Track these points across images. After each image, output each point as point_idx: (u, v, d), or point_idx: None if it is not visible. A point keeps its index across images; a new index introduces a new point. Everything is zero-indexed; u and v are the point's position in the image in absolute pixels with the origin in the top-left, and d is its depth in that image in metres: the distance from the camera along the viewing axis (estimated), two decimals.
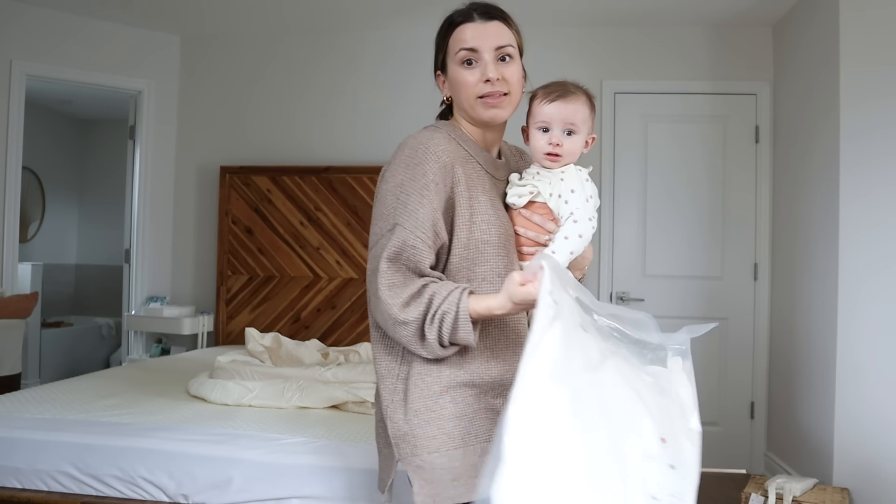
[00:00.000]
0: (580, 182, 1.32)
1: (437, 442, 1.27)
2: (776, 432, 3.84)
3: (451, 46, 1.36)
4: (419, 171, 1.28)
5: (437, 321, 1.21)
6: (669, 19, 4.03)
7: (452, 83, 1.37)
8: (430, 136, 1.33)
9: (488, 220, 1.31)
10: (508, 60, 1.36)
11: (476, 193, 1.32)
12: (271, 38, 4.47)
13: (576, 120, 1.33)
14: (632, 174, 4.13)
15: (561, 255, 1.27)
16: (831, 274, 3.15)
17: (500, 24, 1.37)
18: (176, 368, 3.36)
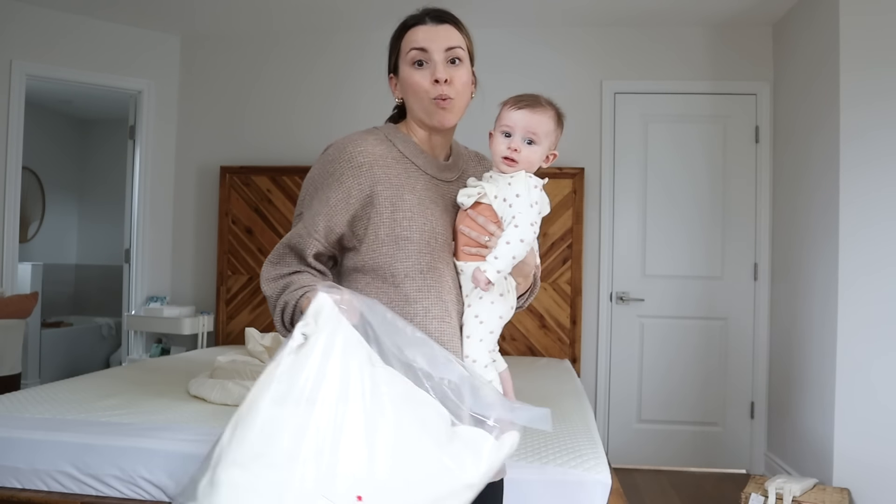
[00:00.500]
0: (527, 187, 1.34)
1: None
2: (776, 432, 3.84)
3: (403, 47, 1.40)
4: (329, 169, 1.36)
5: (280, 308, 1.33)
6: (669, 19, 4.03)
7: (404, 85, 1.41)
8: (356, 138, 1.39)
9: (410, 218, 1.35)
10: (458, 63, 1.39)
11: (402, 192, 1.36)
12: (271, 39, 4.47)
13: (538, 130, 1.35)
14: (632, 174, 4.13)
15: (503, 261, 1.29)
16: (831, 274, 3.15)
17: (451, 28, 1.40)
18: (176, 368, 3.36)
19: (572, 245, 4.05)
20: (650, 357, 4.08)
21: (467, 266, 1.36)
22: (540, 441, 2.11)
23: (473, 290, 1.37)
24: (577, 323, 4.04)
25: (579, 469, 1.90)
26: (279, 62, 4.46)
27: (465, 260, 1.37)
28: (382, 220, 1.34)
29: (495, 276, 1.28)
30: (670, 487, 3.67)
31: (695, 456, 4.03)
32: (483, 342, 1.36)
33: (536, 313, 4.07)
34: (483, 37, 4.30)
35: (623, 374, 4.10)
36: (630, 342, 4.10)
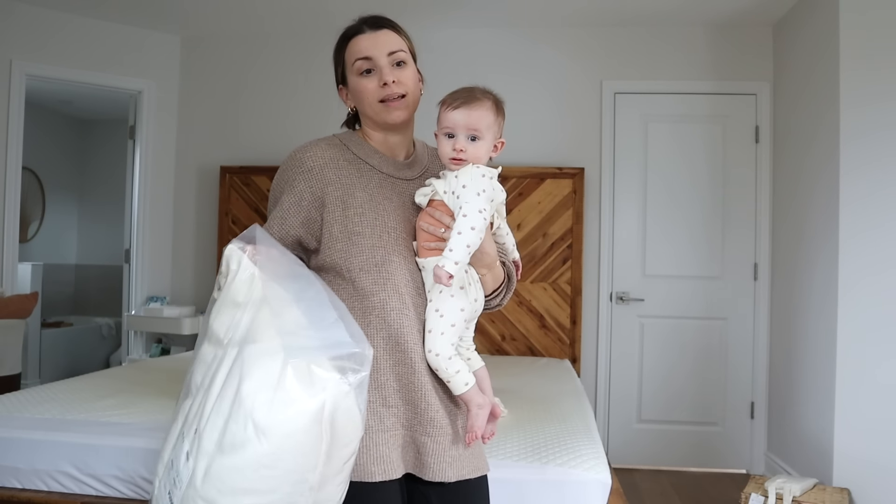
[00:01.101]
0: (472, 178, 1.36)
1: None
2: (776, 432, 3.84)
3: (348, 58, 1.45)
4: (283, 177, 1.44)
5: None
6: (669, 19, 4.03)
7: (354, 93, 1.46)
8: (308, 145, 1.46)
9: (361, 214, 1.39)
10: (403, 65, 1.43)
11: (353, 191, 1.41)
12: (271, 39, 4.47)
13: (479, 126, 1.37)
14: (632, 174, 4.13)
15: (458, 251, 1.31)
16: (831, 274, 3.15)
17: (390, 32, 1.45)
18: (176, 368, 3.35)
19: (572, 245, 4.05)
20: (650, 357, 4.08)
21: (428, 262, 1.38)
22: (540, 441, 2.11)
23: (434, 286, 1.39)
24: (577, 323, 4.04)
25: (579, 469, 1.90)
26: (279, 62, 4.46)
27: (425, 256, 1.39)
28: (335, 217, 1.38)
29: (454, 267, 1.30)
30: (670, 487, 3.67)
31: (695, 456, 4.03)
32: (445, 335, 1.36)
33: (536, 313, 4.07)
34: (483, 37, 4.32)
35: (623, 374, 4.10)
36: (630, 342, 4.10)
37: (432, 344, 1.37)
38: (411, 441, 1.37)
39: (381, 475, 1.32)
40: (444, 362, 1.36)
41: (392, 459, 1.34)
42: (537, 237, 4.07)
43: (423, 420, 1.36)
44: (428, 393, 1.37)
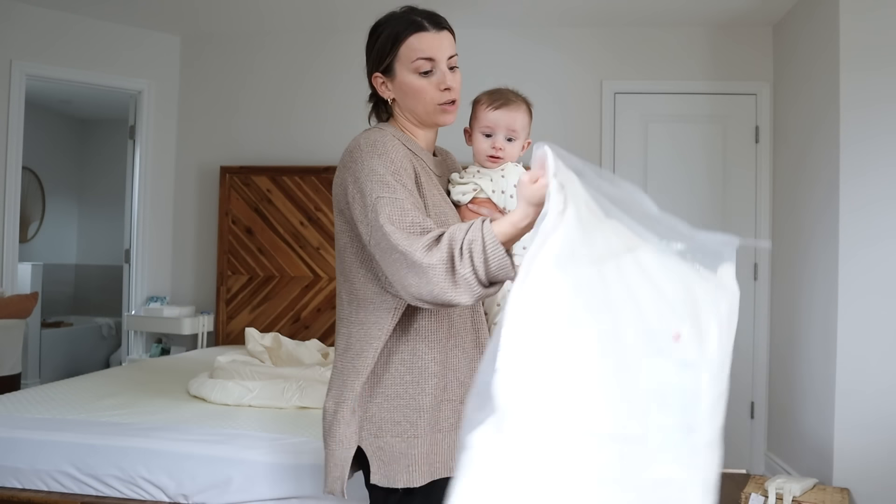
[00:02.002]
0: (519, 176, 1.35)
1: (401, 428, 1.36)
2: (776, 432, 3.84)
3: (405, 55, 1.41)
4: (387, 158, 1.32)
5: (467, 252, 1.16)
6: (669, 19, 4.03)
7: (406, 89, 1.42)
8: (382, 134, 1.39)
9: (445, 213, 1.39)
10: (456, 70, 1.45)
11: (429, 188, 1.40)
12: (271, 38, 4.47)
13: (517, 127, 1.46)
14: (632, 174, 4.12)
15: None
16: (831, 274, 3.15)
17: (448, 34, 1.45)
18: (176, 368, 3.36)
19: None
20: None
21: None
22: None
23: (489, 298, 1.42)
24: None
25: None
26: (279, 62, 4.46)
27: None
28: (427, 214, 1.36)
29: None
30: None
31: None
32: None
33: None
34: (483, 37, 4.31)
35: None
36: None
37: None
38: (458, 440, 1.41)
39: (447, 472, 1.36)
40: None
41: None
42: None
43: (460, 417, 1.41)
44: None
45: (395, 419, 1.37)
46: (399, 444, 1.36)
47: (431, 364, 1.38)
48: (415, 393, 1.37)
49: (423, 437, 1.36)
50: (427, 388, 1.37)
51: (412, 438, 1.36)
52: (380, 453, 1.37)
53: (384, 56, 1.45)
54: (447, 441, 1.37)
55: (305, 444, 2.09)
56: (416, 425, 1.36)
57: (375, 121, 1.55)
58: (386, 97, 1.48)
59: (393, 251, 1.23)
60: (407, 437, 1.36)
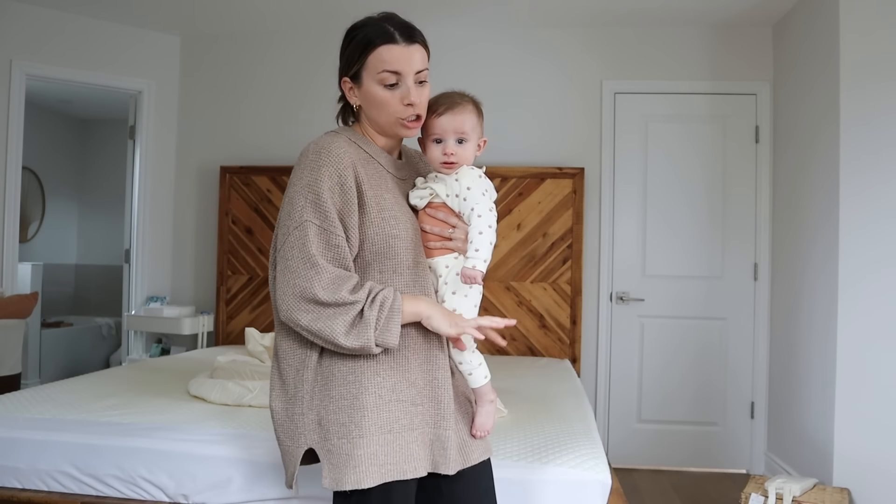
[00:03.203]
0: (474, 179, 1.44)
1: (345, 429, 1.35)
2: (776, 432, 3.84)
3: (372, 65, 1.39)
4: (324, 172, 1.35)
5: (378, 304, 1.32)
6: (669, 19, 4.03)
7: (369, 99, 1.42)
8: (331, 140, 1.40)
9: (396, 216, 1.40)
10: (424, 85, 1.43)
11: (381, 192, 1.41)
12: (271, 38, 4.47)
13: (465, 129, 1.44)
14: (632, 174, 4.13)
15: (484, 250, 1.37)
16: (831, 274, 3.15)
17: (420, 48, 1.42)
18: (176, 368, 3.36)
19: (572, 245, 4.05)
20: (650, 357, 4.08)
21: (437, 262, 1.45)
22: (540, 441, 2.11)
23: (444, 286, 1.45)
24: (577, 323, 4.04)
25: (579, 469, 1.90)
26: (279, 62, 4.46)
27: (433, 256, 1.45)
28: (371, 218, 1.38)
29: (483, 265, 1.37)
30: (670, 487, 3.67)
31: (695, 456, 4.03)
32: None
33: (536, 313, 4.07)
34: (483, 36, 4.32)
35: (623, 374, 4.10)
36: (630, 342, 4.10)
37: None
38: (436, 438, 1.40)
39: (413, 472, 1.35)
40: (469, 355, 1.46)
41: (421, 457, 1.37)
42: (537, 237, 4.07)
43: (444, 415, 1.40)
44: (448, 387, 1.42)
45: (340, 420, 1.35)
46: (344, 446, 1.34)
47: (374, 363, 1.37)
48: (357, 392, 1.35)
49: (370, 438, 1.33)
50: (370, 388, 1.36)
51: (357, 439, 1.33)
52: (328, 456, 1.36)
53: (352, 63, 1.43)
54: (399, 442, 1.35)
55: None
56: (360, 426, 1.34)
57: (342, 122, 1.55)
58: (352, 103, 1.47)
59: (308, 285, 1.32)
60: (352, 437, 1.34)
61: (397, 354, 1.40)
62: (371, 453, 1.33)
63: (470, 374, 1.47)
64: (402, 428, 1.36)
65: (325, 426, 1.37)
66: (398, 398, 1.38)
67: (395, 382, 1.38)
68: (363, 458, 1.32)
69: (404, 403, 1.38)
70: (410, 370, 1.40)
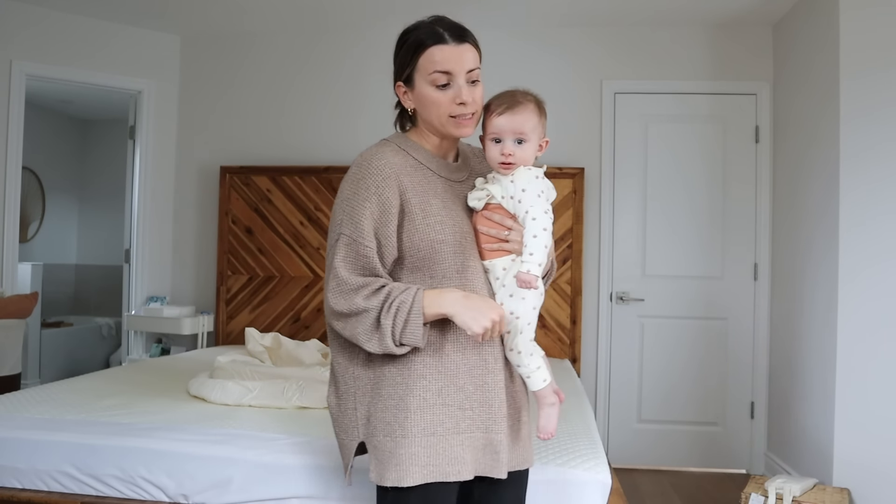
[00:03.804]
0: (529, 180, 1.41)
1: (390, 428, 1.39)
2: (776, 432, 3.84)
3: (423, 66, 1.42)
4: (362, 185, 1.39)
5: (394, 309, 1.34)
6: (669, 19, 4.03)
7: (422, 100, 1.44)
8: (376, 151, 1.45)
9: (441, 221, 1.41)
10: (477, 84, 1.44)
11: (427, 198, 1.43)
12: (272, 38, 4.47)
13: (525, 129, 1.42)
14: (632, 174, 4.13)
15: (538, 254, 1.36)
16: (831, 273, 3.15)
17: (470, 47, 1.44)
18: (176, 368, 3.36)
19: (572, 245, 4.05)
20: (650, 357, 4.08)
21: (494, 264, 1.44)
22: (540, 441, 2.11)
23: (502, 288, 1.44)
24: (577, 323, 4.04)
25: (579, 469, 1.90)
26: (279, 62, 4.46)
27: (490, 258, 1.45)
28: (415, 226, 1.40)
29: (538, 269, 1.36)
30: (670, 487, 3.67)
31: (695, 456, 4.03)
32: (524, 334, 1.43)
33: None
34: (483, 37, 4.29)
35: (623, 374, 4.10)
36: (630, 342, 4.10)
37: (513, 343, 1.44)
38: (488, 442, 1.42)
39: (455, 475, 1.37)
40: (527, 359, 1.44)
41: (466, 461, 1.39)
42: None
43: (496, 418, 1.42)
44: (500, 391, 1.43)
45: (386, 419, 1.40)
46: (388, 444, 1.39)
47: (421, 367, 1.40)
48: (403, 394, 1.40)
49: (413, 439, 1.37)
50: (416, 391, 1.39)
51: (401, 438, 1.38)
52: (375, 452, 1.41)
53: (405, 66, 1.46)
54: (443, 445, 1.38)
55: (305, 444, 2.09)
56: (403, 426, 1.38)
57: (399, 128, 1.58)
58: (407, 107, 1.50)
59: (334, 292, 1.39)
60: (396, 437, 1.38)
61: (445, 359, 1.42)
62: (412, 453, 1.36)
63: (528, 377, 1.46)
64: (446, 431, 1.38)
65: (372, 423, 1.42)
66: (444, 402, 1.40)
67: (442, 387, 1.41)
68: (404, 458, 1.36)
69: (450, 408, 1.40)
70: (459, 375, 1.41)
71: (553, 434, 1.51)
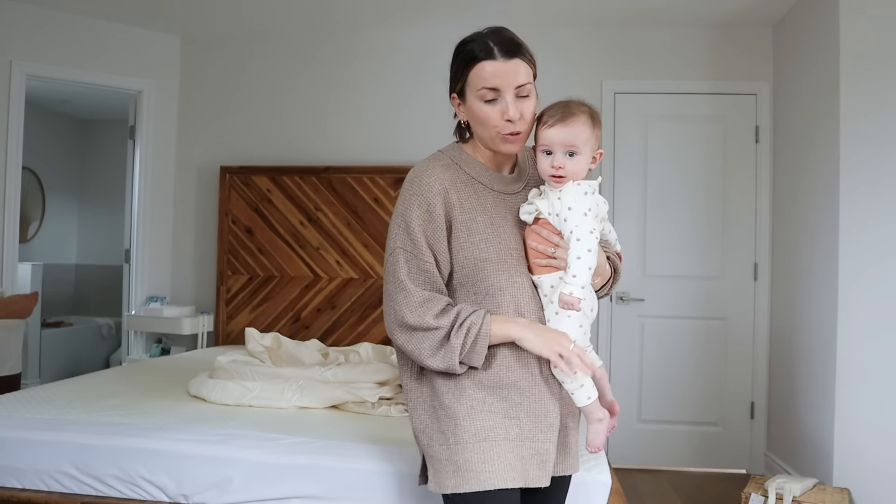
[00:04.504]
0: (575, 197, 1.37)
1: (444, 436, 1.42)
2: (776, 432, 3.84)
3: (472, 81, 1.41)
4: (414, 201, 1.41)
5: (465, 329, 1.36)
6: (669, 19, 4.03)
7: (472, 115, 1.43)
8: (427, 167, 1.45)
9: (486, 239, 1.41)
10: (526, 98, 1.41)
11: (474, 215, 1.43)
12: (271, 38, 4.47)
13: (576, 142, 1.38)
14: (632, 174, 4.13)
15: (581, 276, 1.34)
16: (831, 274, 3.15)
17: (521, 62, 1.40)
18: (176, 368, 3.36)
19: None
20: (650, 357, 4.08)
21: (542, 280, 1.43)
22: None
23: (549, 305, 1.42)
24: None
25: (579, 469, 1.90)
26: (279, 62, 4.46)
27: (538, 273, 1.43)
28: (461, 244, 1.41)
29: (581, 292, 1.34)
30: (670, 487, 3.67)
31: (695, 456, 4.03)
32: None
33: None
34: None
35: (623, 374, 4.10)
36: (630, 342, 4.10)
37: None
38: (535, 451, 1.42)
39: (512, 482, 1.38)
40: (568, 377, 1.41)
41: (518, 469, 1.39)
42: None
43: (543, 427, 1.42)
44: (547, 401, 1.43)
45: (440, 428, 1.43)
46: (444, 452, 1.41)
47: (466, 378, 1.42)
48: (450, 403, 1.42)
49: (465, 445, 1.39)
50: (463, 399, 1.41)
51: (455, 445, 1.40)
52: (431, 461, 1.45)
53: (457, 79, 1.46)
54: (497, 450, 1.38)
55: (305, 444, 2.09)
56: (455, 433, 1.40)
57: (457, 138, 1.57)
58: (461, 119, 1.50)
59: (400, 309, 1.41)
60: (450, 444, 1.41)
61: (489, 372, 1.42)
62: (466, 459, 1.38)
63: (572, 393, 1.44)
64: (497, 437, 1.39)
65: (429, 433, 1.46)
66: (490, 409, 1.41)
67: (486, 395, 1.42)
68: (461, 465, 1.38)
69: (496, 415, 1.41)
70: (502, 386, 1.42)
71: (601, 448, 1.51)
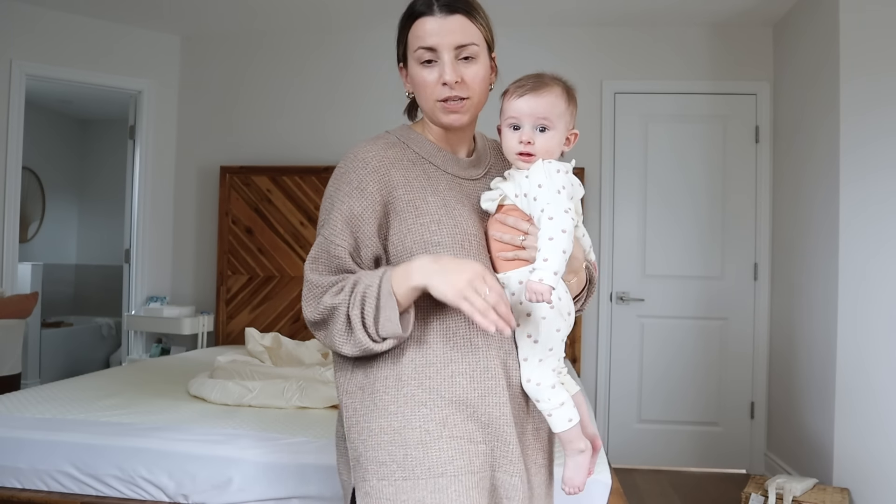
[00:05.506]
0: (547, 174, 1.18)
1: (387, 469, 1.14)
2: (776, 432, 3.84)
3: (410, 42, 1.22)
4: (344, 180, 1.21)
5: (360, 297, 1.11)
6: (669, 19, 4.03)
7: (413, 82, 1.25)
8: (364, 144, 1.25)
9: (438, 221, 1.19)
10: (471, 61, 1.21)
11: (424, 195, 1.21)
12: (271, 38, 4.47)
13: (549, 115, 1.19)
14: (632, 174, 4.13)
15: (554, 259, 1.10)
16: (831, 274, 3.15)
17: (463, 19, 1.21)
18: (176, 368, 3.36)
19: None
20: (650, 357, 4.08)
21: (510, 277, 1.19)
22: None
23: (519, 306, 1.17)
24: (577, 323, 4.04)
25: None
26: (279, 62, 4.46)
27: (504, 269, 1.20)
28: (407, 226, 1.19)
29: (553, 279, 1.08)
30: (670, 487, 3.67)
31: (695, 456, 4.03)
32: (544, 362, 1.18)
33: None
34: None
35: (623, 374, 4.10)
36: (630, 342, 4.10)
37: (531, 373, 1.18)
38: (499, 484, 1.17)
39: None
40: (547, 392, 1.17)
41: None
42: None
43: (510, 456, 1.16)
44: (510, 426, 1.16)
45: (379, 458, 1.14)
46: (386, 489, 1.12)
47: (420, 392, 1.15)
48: (399, 426, 1.14)
49: (417, 481, 1.11)
50: (414, 421, 1.14)
51: (402, 482, 1.12)
52: (366, 499, 1.15)
53: (398, 44, 1.27)
54: (457, 488, 1.11)
55: (305, 444, 2.09)
56: (403, 466, 1.12)
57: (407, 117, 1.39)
58: (406, 91, 1.29)
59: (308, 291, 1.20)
60: (394, 479, 1.12)
61: (450, 380, 1.16)
62: (418, 499, 1.11)
63: (549, 415, 1.17)
64: (457, 470, 1.12)
65: (363, 465, 1.16)
66: (451, 434, 1.14)
67: (447, 415, 1.15)
68: None
69: (459, 440, 1.13)
70: (468, 401, 1.15)
71: (581, 489, 1.21)
